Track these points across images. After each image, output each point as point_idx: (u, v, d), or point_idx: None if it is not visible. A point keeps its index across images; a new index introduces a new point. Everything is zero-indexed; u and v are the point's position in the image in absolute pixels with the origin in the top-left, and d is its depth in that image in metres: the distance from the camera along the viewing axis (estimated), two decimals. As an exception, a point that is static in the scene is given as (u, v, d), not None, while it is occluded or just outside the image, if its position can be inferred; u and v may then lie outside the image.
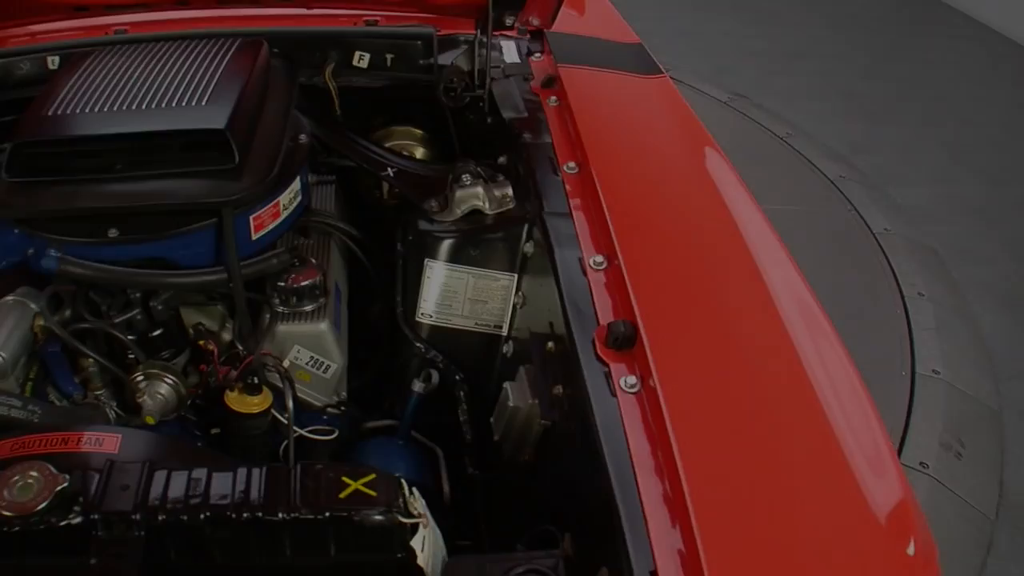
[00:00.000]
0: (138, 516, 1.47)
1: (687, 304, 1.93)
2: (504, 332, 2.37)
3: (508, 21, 2.72)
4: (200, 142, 2.11)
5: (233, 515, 1.48)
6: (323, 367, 2.30)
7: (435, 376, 2.34)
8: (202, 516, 1.48)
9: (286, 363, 2.20)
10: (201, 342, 2.24)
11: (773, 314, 1.89)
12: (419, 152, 2.96)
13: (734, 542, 1.43)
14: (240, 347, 2.23)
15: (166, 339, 2.25)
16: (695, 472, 1.48)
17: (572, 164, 2.35)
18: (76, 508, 1.48)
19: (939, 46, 8.68)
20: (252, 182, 2.11)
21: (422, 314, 2.39)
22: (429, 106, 2.95)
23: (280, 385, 2.12)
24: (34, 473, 1.48)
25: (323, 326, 2.27)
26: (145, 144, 2.11)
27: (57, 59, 2.89)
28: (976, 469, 4.19)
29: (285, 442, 2.18)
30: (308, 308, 2.28)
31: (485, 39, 2.75)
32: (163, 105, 2.16)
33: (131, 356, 2.19)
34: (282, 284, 2.25)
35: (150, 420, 2.09)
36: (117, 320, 2.16)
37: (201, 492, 1.51)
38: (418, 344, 2.39)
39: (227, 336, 2.32)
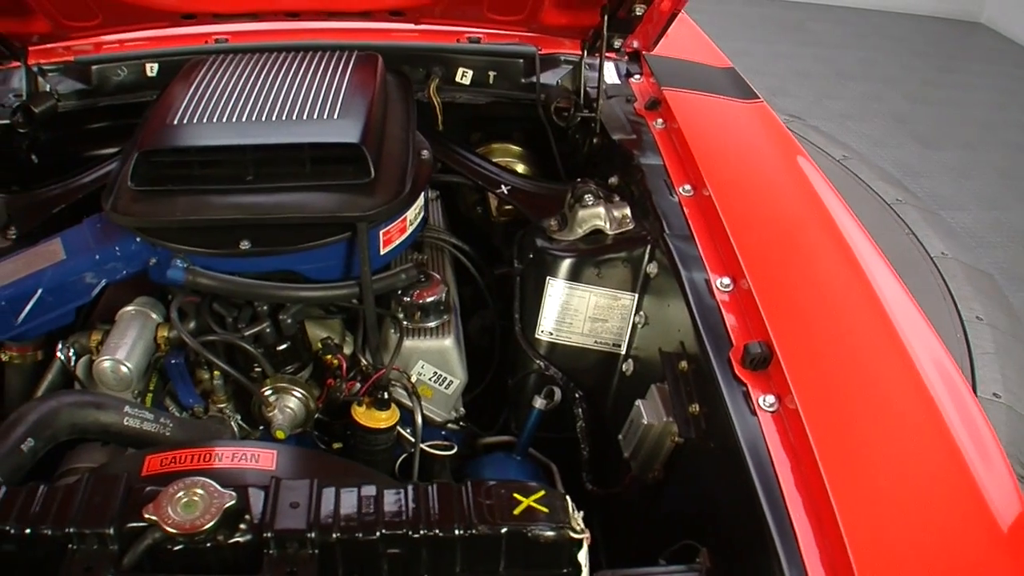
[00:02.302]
0: (313, 534, 1.44)
1: (813, 324, 1.95)
2: (623, 350, 2.37)
3: (616, 44, 2.73)
4: (334, 156, 2.10)
5: (410, 532, 1.46)
6: (445, 383, 2.30)
7: (557, 393, 2.33)
8: (377, 533, 1.46)
9: (414, 378, 2.21)
10: (328, 356, 2.22)
11: (890, 331, 1.92)
12: (520, 169, 2.96)
13: (882, 554, 1.46)
14: (365, 362, 2.23)
15: (292, 353, 2.24)
16: (839, 487, 1.53)
17: (688, 187, 2.37)
18: (242, 526, 1.46)
19: (985, 71, 8.68)
20: (387, 198, 2.09)
21: (542, 331, 2.38)
22: (527, 123, 2.97)
23: (404, 400, 2.12)
24: (199, 490, 1.46)
25: (448, 342, 2.27)
26: (276, 156, 2.10)
27: (156, 66, 2.91)
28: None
29: (402, 456, 2.20)
30: (432, 324, 2.27)
31: (591, 60, 2.78)
32: (292, 117, 2.15)
33: (257, 369, 2.18)
34: (408, 299, 2.25)
35: (280, 434, 2.09)
36: (246, 333, 2.16)
37: (374, 509, 1.49)
38: (538, 361, 2.39)
39: (347, 350, 2.31)
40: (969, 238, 5.98)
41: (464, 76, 2.90)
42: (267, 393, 2.13)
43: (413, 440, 2.16)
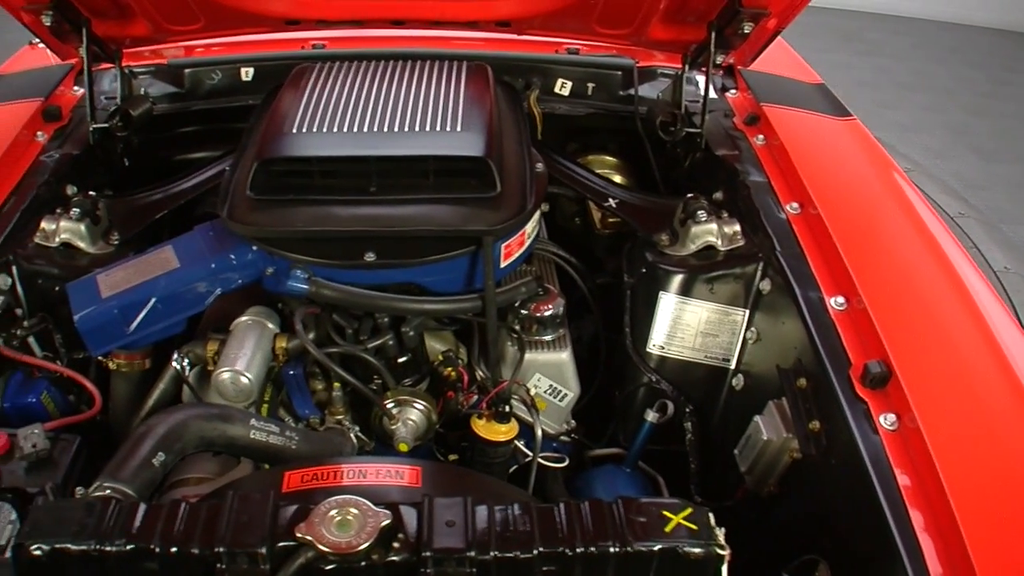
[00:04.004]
0: (473, 553, 1.43)
1: (926, 342, 1.96)
2: (732, 365, 2.36)
3: (719, 59, 2.72)
4: (459, 169, 2.10)
5: (566, 550, 1.45)
6: (560, 396, 2.30)
7: (670, 407, 2.32)
8: (535, 551, 1.44)
9: (531, 391, 2.21)
10: (449, 369, 2.22)
11: (996, 347, 1.94)
12: (618, 180, 2.94)
13: (1009, 571, 1.49)
14: (481, 374, 2.23)
15: (412, 365, 2.24)
16: (962, 506, 1.55)
17: (795, 204, 2.38)
18: (396, 545, 1.44)
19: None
20: (512, 212, 2.09)
21: (653, 345, 2.38)
22: (623, 135, 2.97)
23: (520, 413, 2.12)
24: (353, 509, 1.44)
25: (564, 355, 2.27)
26: (400, 167, 2.10)
27: (251, 71, 2.93)
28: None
29: (513, 467, 2.20)
30: (549, 337, 2.27)
31: (692, 74, 2.78)
32: (413, 128, 2.15)
33: (377, 381, 2.19)
34: (525, 312, 2.24)
35: (403, 447, 2.09)
36: (369, 345, 2.16)
37: (529, 527, 1.48)
38: (649, 375, 2.39)
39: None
40: (1032, 252, 5.93)
41: (563, 87, 2.91)
42: (390, 405, 2.12)
43: (526, 452, 2.15)
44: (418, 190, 2.10)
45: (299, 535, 1.41)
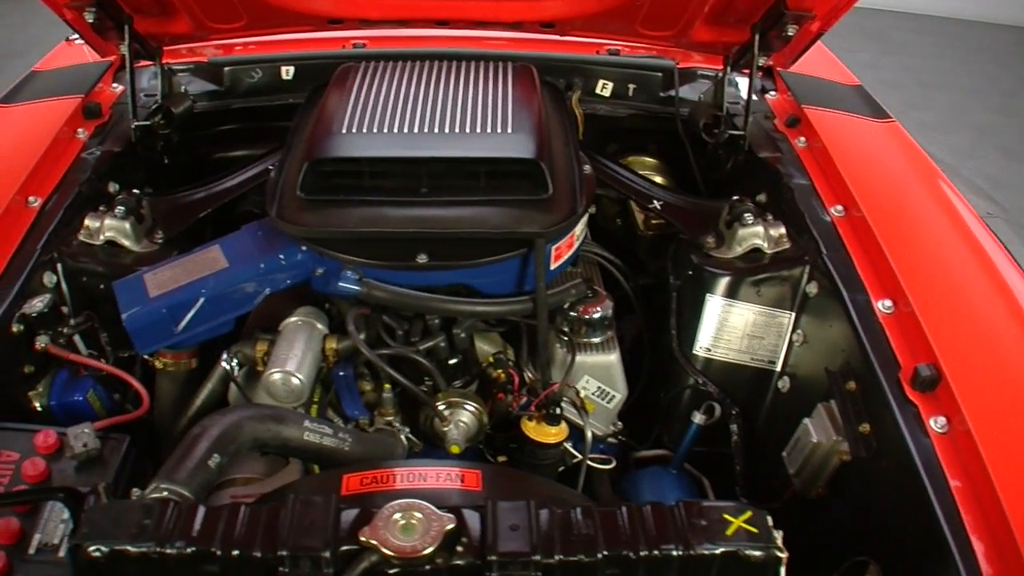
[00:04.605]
0: (538, 557, 1.42)
1: (974, 345, 1.97)
2: (777, 367, 2.37)
3: (761, 61, 2.71)
4: (511, 171, 2.11)
5: (630, 553, 1.45)
6: (608, 397, 2.30)
7: (717, 409, 2.33)
8: (599, 555, 1.44)
9: (582, 393, 2.21)
10: (499, 371, 2.22)
11: None
12: (658, 181, 2.95)
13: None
14: (530, 375, 2.23)
15: (462, 367, 2.25)
16: (1014, 505, 1.57)
17: (839, 207, 2.39)
18: (459, 549, 1.43)
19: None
20: (563, 214, 2.09)
21: (699, 347, 2.39)
22: (662, 136, 2.97)
23: (569, 415, 2.12)
24: (418, 513, 1.44)
25: (613, 357, 2.27)
26: (451, 169, 2.11)
27: (292, 70, 2.93)
28: None
29: (560, 469, 2.20)
30: (597, 339, 2.27)
31: (731, 76, 2.77)
32: (463, 130, 2.16)
33: (428, 383, 2.19)
34: (574, 314, 2.24)
35: (455, 449, 2.09)
36: (421, 347, 2.16)
37: (592, 530, 1.47)
38: (695, 377, 2.39)
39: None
40: (1062, 255, 5.89)
41: (604, 88, 2.91)
42: (441, 407, 2.12)
43: (574, 454, 2.16)
44: (469, 192, 2.10)
45: (363, 539, 1.41)
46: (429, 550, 1.40)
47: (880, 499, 1.88)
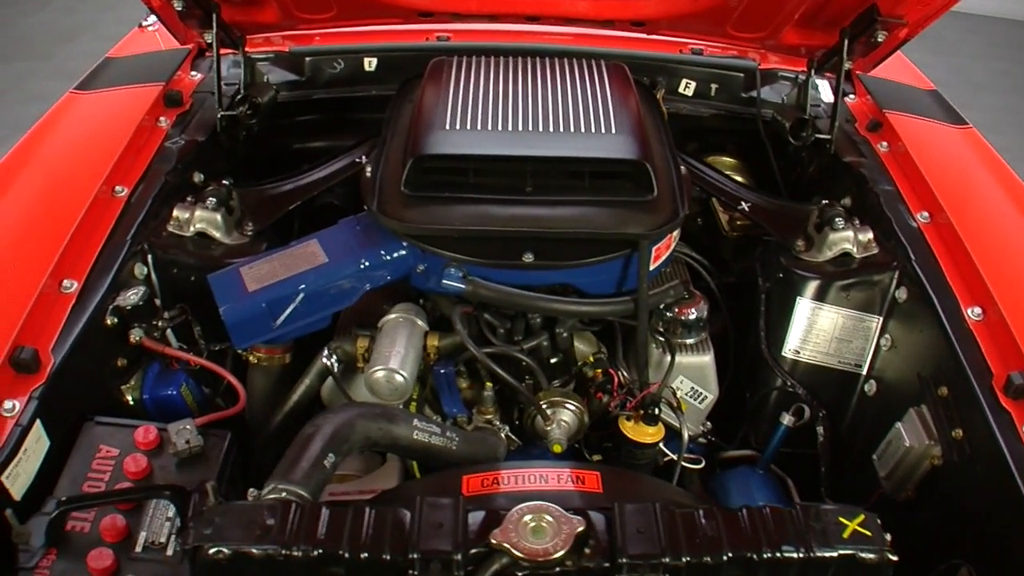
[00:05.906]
0: (667, 559, 1.44)
1: None
2: (863, 371, 2.39)
3: (847, 65, 2.71)
4: (616, 172, 2.13)
5: (753, 555, 1.48)
6: (700, 398, 2.34)
7: (806, 411, 2.35)
8: (725, 557, 1.47)
9: (679, 394, 2.25)
10: (597, 371, 2.25)
11: None
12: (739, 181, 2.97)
13: None
14: (626, 375, 2.26)
15: (563, 366, 2.27)
16: None
17: (925, 213, 2.41)
18: (587, 551, 1.45)
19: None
20: (667, 215, 2.12)
21: (788, 349, 2.41)
22: (741, 136, 3.00)
23: (665, 416, 2.15)
24: (547, 516, 1.46)
25: (707, 358, 2.30)
26: (556, 168, 2.13)
27: (375, 61, 2.93)
28: None
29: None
30: (692, 340, 2.29)
31: (818, 79, 2.82)
32: (568, 129, 2.18)
33: (528, 382, 2.21)
34: (670, 315, 2.27)
35: (558, 448, 2.11)
36: (526, 346, 2.19)
37: (716, 532, 1.50)
38: (784, 378, 2.41)
39: None
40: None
41: (687, 87, 2.93)
42: (543, 406, 2.14)
43: (667, 453, 2.18)
44: (573, 191, 2.12)
45: (493, 541, 1.43)
46: (560, 553, 1.42)
47: (973, 504, 1.91)
